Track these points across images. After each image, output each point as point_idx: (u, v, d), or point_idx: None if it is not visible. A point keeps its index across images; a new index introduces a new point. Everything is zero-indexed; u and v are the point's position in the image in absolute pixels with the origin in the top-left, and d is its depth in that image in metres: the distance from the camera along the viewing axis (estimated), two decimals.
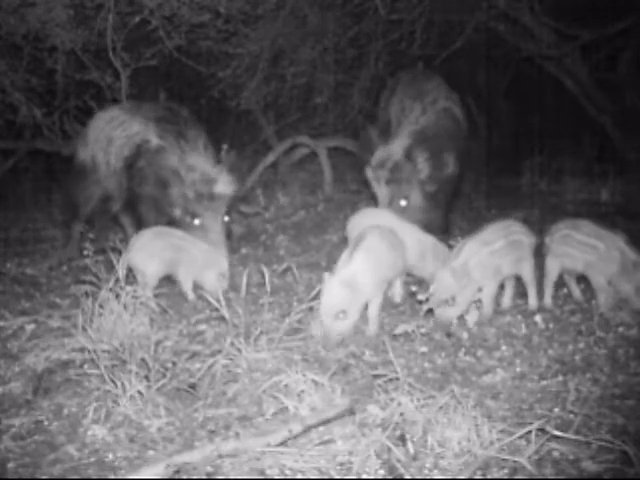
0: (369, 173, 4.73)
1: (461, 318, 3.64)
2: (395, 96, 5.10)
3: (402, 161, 4.60)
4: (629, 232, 5.07)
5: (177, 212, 4.63)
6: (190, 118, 5.03)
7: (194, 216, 4.58)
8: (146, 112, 5.04)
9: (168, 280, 4.56)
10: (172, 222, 4.65)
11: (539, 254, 3.99)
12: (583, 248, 3.79)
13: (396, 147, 4.67)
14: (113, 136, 5.03)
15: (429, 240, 4.11)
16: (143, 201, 4.86)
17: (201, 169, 4.62)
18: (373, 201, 6.51)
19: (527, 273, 3.89)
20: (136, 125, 4.97)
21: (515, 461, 2.38)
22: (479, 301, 3.69)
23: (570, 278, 4.00)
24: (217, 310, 3.42)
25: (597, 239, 3.75)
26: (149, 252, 4.10)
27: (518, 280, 4.26)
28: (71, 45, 5.85)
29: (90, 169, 5.10)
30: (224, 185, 4.62)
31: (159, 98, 5.90)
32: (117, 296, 3.39)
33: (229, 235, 4.81)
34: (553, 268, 3.91)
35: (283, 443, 2.54)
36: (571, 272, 3.94)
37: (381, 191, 4.64)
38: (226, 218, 4.71)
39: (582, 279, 3.95)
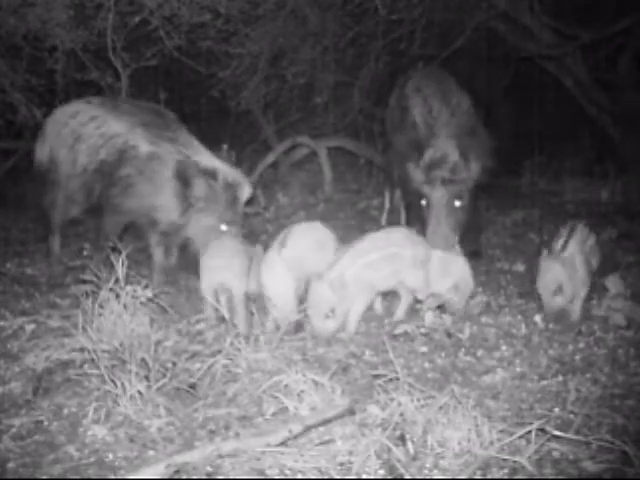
0: (417, 174, 4.53)
1: (456, 324, 3.65)
2: (418, 95, 4.97)
3: (460, 161, 4.47)
4: (629, 232, 5.08)
5: (182, 221, 4.31)
6: (176, 120, 4.69)
7: (226, 223, 4.28)
8: (128, 113, 4.58)
9: (168, 280, 4.56)
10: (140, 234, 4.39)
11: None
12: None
13: (449, 147, 4.51)
14: (82, 133, 4.54)
15: None
16: (114, 211, 4.48)
17: (224, 174, 4.29)
18: (373, 201, 6.56)
19: (409, 285, 3.76)
20: (115, 126, 4.49)
21: (515, 461, 2.37)
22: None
23: None
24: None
25: (576, 244, 3.71)
26: None
27: (517, 280, 4.25)
28: (71, 45, 5.85)
29: (46, 169, 4.68)
30: (248, 188, 4.38)
31: (159, 98, 5.88)
32: (117, 296, 3.38)
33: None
34: None
35: (283, 443, 2.54)
36: None
37: (434, 192, 4.44)
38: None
39: None
